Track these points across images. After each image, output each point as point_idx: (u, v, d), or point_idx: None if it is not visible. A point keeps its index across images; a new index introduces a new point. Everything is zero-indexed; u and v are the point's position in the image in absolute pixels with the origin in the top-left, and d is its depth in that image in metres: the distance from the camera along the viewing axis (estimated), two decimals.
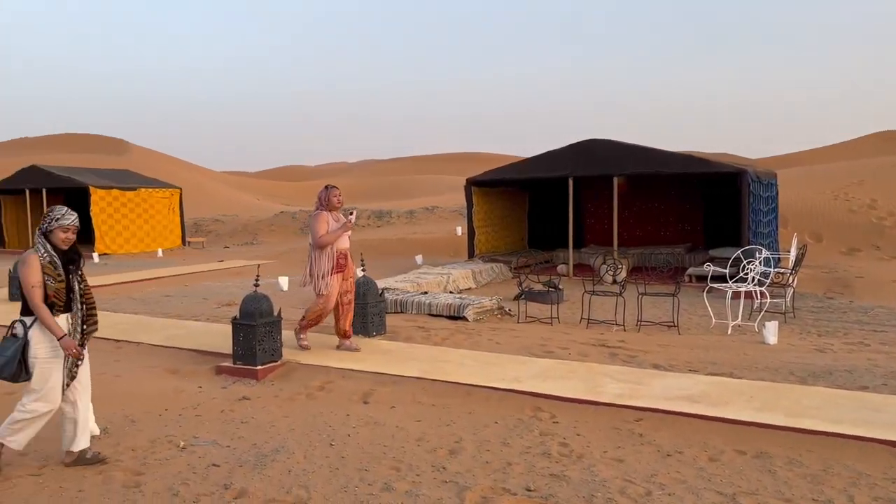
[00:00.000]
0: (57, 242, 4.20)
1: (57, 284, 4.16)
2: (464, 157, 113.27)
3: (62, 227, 4.20)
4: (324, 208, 7.05)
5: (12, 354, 4.11)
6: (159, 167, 57.05)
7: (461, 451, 4.62)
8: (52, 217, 4.22)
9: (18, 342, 4.14)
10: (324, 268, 6.94)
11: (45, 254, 4.16)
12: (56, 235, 4.20)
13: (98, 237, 21.25)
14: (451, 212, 30.21)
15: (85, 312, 4.35)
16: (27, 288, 4.10)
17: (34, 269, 4.11)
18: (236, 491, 3.97)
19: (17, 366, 4.12)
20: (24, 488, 4.00)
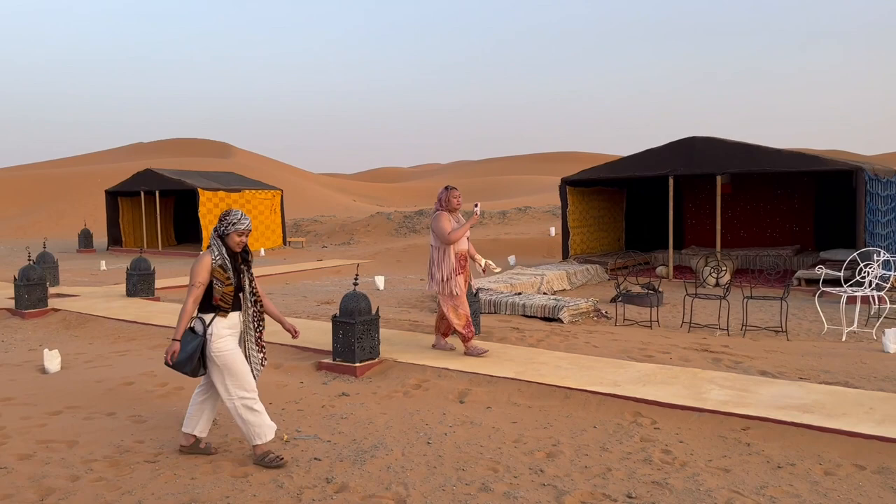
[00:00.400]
0: (232, 245, 4.34)
1: (224, 288, 4.27)
2: (557, 157, 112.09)
3: (238, 232, 4.33)
4: (444, 209, 6.96)
5: (192, 350, 4.25)
6: (261, 169, 59.31)
7: (559, 454, 4.55)
8: (229, 221, 4.34)
9: (199, 339, 4.28)
10: (452, 268, 6.86)
11: (218, 256, 4.29)
12: (231, 239, 4.33)
13: (206, 236, 22.27)
14: (544, 212, 29.93)
15: (257, 310, 4.48)
16: (190, 284, 4.25)
17: (203, 270, 4.24)
18: (338, 485, 4.06)
19: (197, 362, 4.27)
20: (141, 474, 4.22)
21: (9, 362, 7.40)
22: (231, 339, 4.35)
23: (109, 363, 7.31)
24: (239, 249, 4.38)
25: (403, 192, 78.17)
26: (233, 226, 4.32)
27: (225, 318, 4.32)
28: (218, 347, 4.28)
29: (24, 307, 10.25)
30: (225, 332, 4.31)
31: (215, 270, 4.26)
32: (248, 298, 4.43)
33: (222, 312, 4.30)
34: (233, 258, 4.35)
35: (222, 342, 4.29)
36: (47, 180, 57.89)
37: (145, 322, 9.41)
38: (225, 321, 4.32)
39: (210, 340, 4.28)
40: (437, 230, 6.87)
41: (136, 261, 12.05)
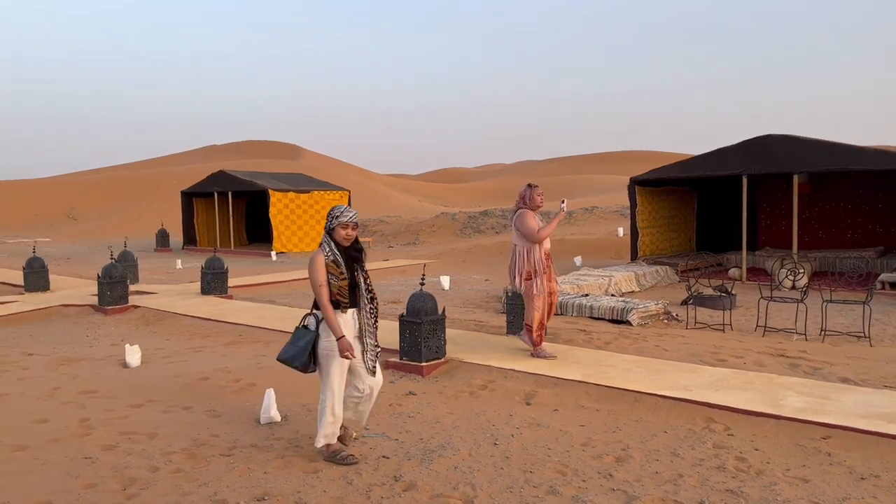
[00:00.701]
0: (339, 240, 4.34)
1: (340, 282, 4.28)
2: (625, 156, 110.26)
3: (342, 224, 4.32)
4: (527, 207, 6.89)
5: (304, 345, 4.31)
6: (329, 170, 60.36)
7: (629, 459, 4.47)
8: (333, 215, 4.36)
9: (311, 334, 4.32)
10: (535, 267, 6.80)
11: (329, 252, 4.30)
12: (337, 233, 4.33)
13: (276, 236, 22.83)
14: (611, 212, 29.48)
15: (373, 307, 4.48)
16: (315, 287, 4.26)
17: (320, 269, 4.25)
18: (405, 483, 4.09)
19: (308, 357, 4.31)
20: (216, 467, 4.36)
21: (93, 356, 7.74)
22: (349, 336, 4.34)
23: (186, 359, 7.57)
24: (347, 243, 4.35)
25: (468, 193, 78.27)
26: (336, 219, 4.32)
27: (343, 314, 4.33)
28: (324, 346, 4.31)
29: (107, 304, 10.72)
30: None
31: (329, 266, 4.27)
32: (364, 295, 4.41)
33: (342, 309, 4.31)
34: (344, 254, 4.34)
35: (330, 341, 4.28)
36: (127, 182, 60.39)
37: (219, 319, 9.70)
38: (340, 318, 4.31)
39: (321, 337, 4.32)
40: (524, 229, 6.77)
41: (210, 260, 12.43)
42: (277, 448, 4.67)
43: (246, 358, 7.46)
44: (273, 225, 22.81)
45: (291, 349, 4.34)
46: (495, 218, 28.54)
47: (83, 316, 10.64)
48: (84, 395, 5.99)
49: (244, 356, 7.57)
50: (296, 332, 4.41)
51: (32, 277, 12.97)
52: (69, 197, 54.98)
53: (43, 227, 45.36)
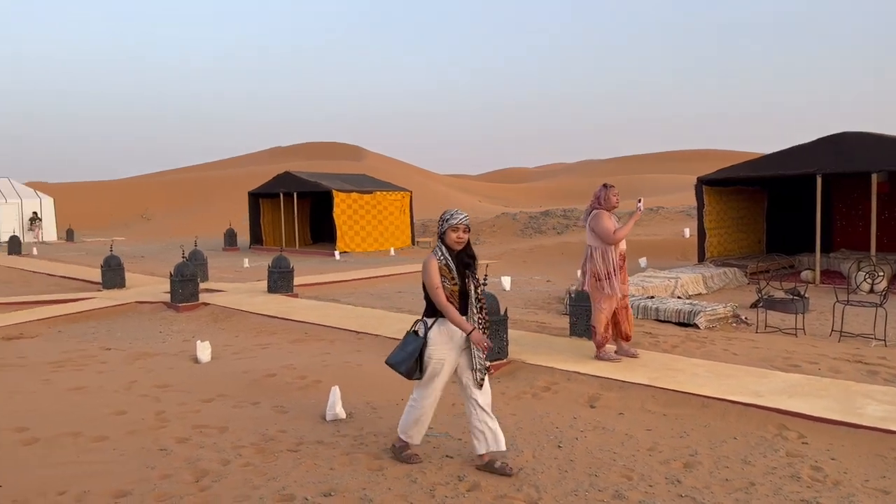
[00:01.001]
0: (450, 244, 4.24)
1: (451, 286, 4.20)
2: (691, 155, 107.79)
3: (452, 227, 4.23)
4: (603, 207, 6.79)
5: (411, 351, 4.25)
6: (391, 171, 60.96)
7: (697, 465, 4.37)
8: (443, 219, 4.28)
9: (419, 341, 4.26)
10: (610, 267, 6.72)
11: (441, 257, 4.23)
12: (448, 237, 4.24)
13: (339, 236, 23.20)
14: (677, 212, 28.85)
15: (482, 317, 4.32)
16: (431, 290, 4.19)
17: (434, 272, 4.19)
18: (469, 484, 4.10)
19: (414, 363, 4.24)
20: (283, 462, 4.45)
21: (166, 352, 8.02)
22: (448, 347, 4.26)
23: (253, 355, 7.77)
24: (458, 247, 4.26)
25: (529, 193, 77.84)
26: (446, 222, 4.25)
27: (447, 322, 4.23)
28: (429, 354, 4.25)
29: (179, 301, 11.08)
30: (444, 339, 4.25)
31: (441, 269, 4.20)
32: (474, 304, 4.29)
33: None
34: (456, 259, 4.26)
35: (436, 349, 4.23)
36: (196, 183, 62.31)
37: (285, 317, 9.91)
38: (448, 327, 4.24)
39: (428, 344, 4.25)
40: (601, 230, 6.68)
41: (277, 259, 12.72)
42: (343, 445, 4.74)
43: (311, 355, 7.60)
44: (337, 225, 23.18)
45: (399, 354, 4.31)
46: (556, 218, 28.32)
47: (157, 312, 11.02)
48: (159, 389, 6.21)
49: (309, 353, 7.72)
50: (405, 336, 4.38)
51: (109, 275, 13.52)
52: (142, 198, 57.10)
53: (118, 227, 47.26)
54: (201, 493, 3.96)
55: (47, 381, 6.53)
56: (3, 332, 9.37)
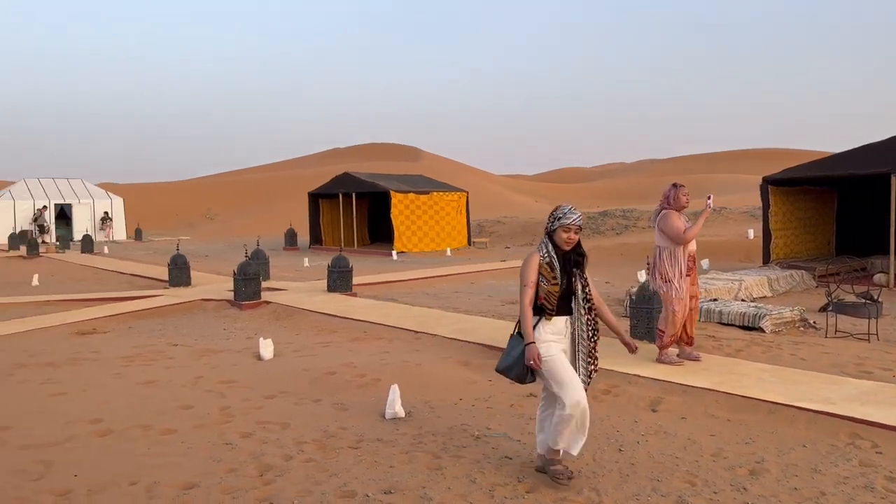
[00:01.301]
0: (559, 243, 4.05)
1: (549, 287, 3.99)
2: (755, 155, 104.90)
3: (563, 227, 4.03)
4: (672, 207, 6.68)
5: (518, 355, 4.03)
6: (447, 172, 61.17)
7: (764, 472, 4.25)
8: (555, 217, 4.09)
9: (524, 343, 4.02)
10: (678, 270, 6.62)
11: (546, 254, 4.04)
12: (558, 236, 4.05)
13: (397, 236, 23.40)
14: (741, 213, 28.11)
15: (591, 318, 4.11)
16: (521, 284, 4.05)
17: (531, 269, 4.02)
18: (528, 485, 4.08)
19: (524, 367, 4.02)
20: (344, 458, 4.52)
21: (230, 349, 8.23)
22: (554, 344, 4.04)
23: (314, 353, 7.90)
24: (568, 248, 4.06)
25: (586, 193, 76.97)
26: (558, 220, 4.05)
27: (549, 321, 4.02)
28: (541, 353, 4.00)
29: (242, 299, 11.36)
30: (548, 337, 4.03)
31: (542, 268, 4.01)
32: (582, 304, 4.07)
33: (547, 315, 4.01)
34: (562, 258, 4.05)
35: (544, 347, 4.00)
36: (257, 184, 63.73)
37: (344, 316, 10.05)
38: (549, 325, 4.03)
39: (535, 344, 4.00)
40: (670, 230, 6.56)
41: (337, 259, 12.91)
42: (402, 443, 4.78)
43: (370, 354, 7.69)
44: (394, 225, 23.38)
45: (506, 359, 4.10)
46: (615, 219, 27.93)
47: (221, 310, 11.32)
48: (223, 385, 6.38)
49: (368, 352, 7.81)
50: (510, 340, 4.17)
51: (176, 273, 13.96)
52: (206, 198, 58.71)
53: (183, 227, 48.73)
54: (265, 488, 4.05)
55: (119, 375, 6.79)
56: (78, 327, 9.77)
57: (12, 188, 34.64)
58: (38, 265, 19.89)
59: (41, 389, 6.26)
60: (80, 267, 19.72)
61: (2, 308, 11.79)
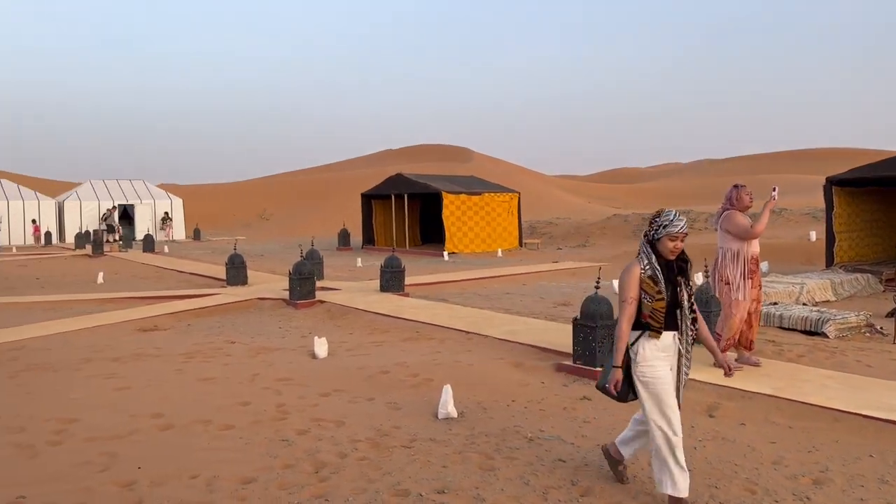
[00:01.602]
0: (664, 252, 3.71)
1: (654, 304, 3.63)
2: (817, 154, 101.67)
3: (670, 235, 3.68)
4: (735, 208, 6.61)
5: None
6: (498, 172, 61.01)
7: (828, 482, 4.12)
8: (659, 223, 3.73)
9: (626, 359, 3.77)
10: (740, 271, 6.52)
11: (648, 266, 3.70)
12: (664, 245, 3.70)
13: (448, 237, 23.44)
14: (802, 214, 27.29)
15: (694, 329, 3.79)
16: (620, 299, 3.73)
17: (632, 282, 3.69)
18: (583, 488, 4.04)
19: (626, 385, 3.78)
20: (398, 457, 4.55)
21: (286, 347, 8.37)
22: (662, 364, 3.71)
23: (367, 352, 7.98)
24: (673, 257, 3.72)
25: (641, 194, 75.81)
26: (664, 228, 3.69)
27: (657, 338, 3.68)
28: (643, 372, 3.71)
29: (297, 298, 11.55)
30: (656, 355, 3.70)
31: (644, 282, 3.66)
32: (687, 317, 3.75)
33: (653, 332, 3.67)
34: (666, 268, 3.72)
35: (649, 367, 3.69)
36: (311, 185, 64.68)
37: (397, 316, 10.12)
38: (656, 342, 3.69)
39: (635, 362, 3.73)
40: (735, 227, 6.46)
41: (389, 259, 13.01)
42: (455, 444, 4.79)
43: (422, 354, 7.73)
44: (446, 226, 23.42)
45: (603, 376, 3.85)
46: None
47: (276, 309, 11.53)
48: (279, 382, 6.50)
49: (421, 352, 7.85)
50: (610, 355, 3.93)
51: (233, 272, 14.28)
52: (261, 199, 59.86)
53: (239, 227, 49.78)
54: (320, 484, 4.11)
55: (179, 371, 6.98)
56: (140, 324, 10.08)
57: (79, 189, 35.97)
58: (103, 264, 20.60)
59: (106, 384, 6.49)
60: (142, 266, 20.35)
61: (70, 305, 12.25)
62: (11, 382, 6.58)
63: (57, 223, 33.51)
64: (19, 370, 7.07)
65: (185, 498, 3.91)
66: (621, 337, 3.70)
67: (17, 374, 6.89)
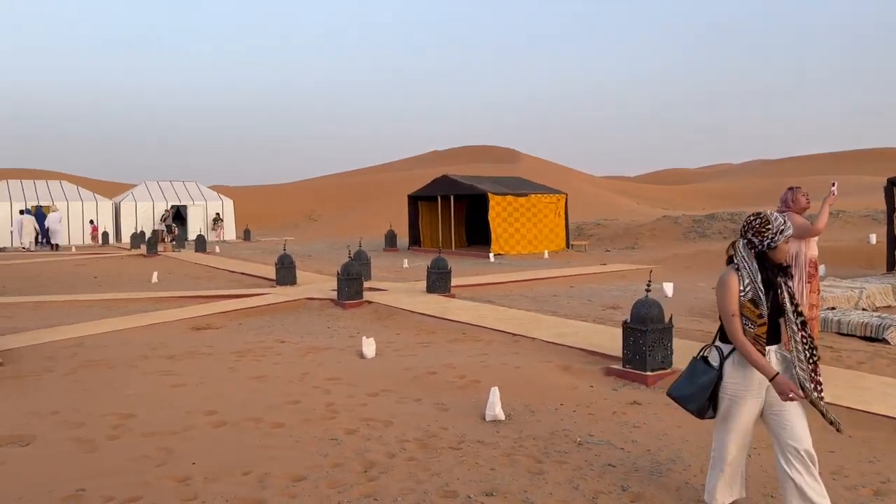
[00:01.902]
0: (779, 258, 3.38)
1: (756, 329, 3.32)
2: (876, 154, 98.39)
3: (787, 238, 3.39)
4: (791, 210, 6.47)
5: (704, 385, 3.49)
6: (546, 173, 60.63)
7: (890, 493, 3.99)
8: (775, 229, 3.35)
9: (712, 373, 3.48)
10: (798, 275, 6.37)
11: (749, 285, 3.36)
12: (781, 251, 3.38)
13: (494, 238, 23.39)
14: (861, 216, 26.44)
15: (806, 334, 3.42)
16: (725, 316, 3.39)
17: (732, 297, 3.35)
18: (633, 494, 3.98)
19: (707, 400, 3.49)
20: (446, 458, 4.55)
21: (334, 346, 8.46)
22: (743, 382, 3.41)
23: (414, 353, 8.01)
24: (784, 261, 3.43)
25: (691, 195, 74.47)
26: (781, 233, 3.35)
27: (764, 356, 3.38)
28: (729, 388, 3.43)
29: (345, 298, 11.67)
30: (744, 373, 3.40)
31: (744, 306, 3.33)
32: (793, 320, 3.40)
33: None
34: (767, 285, 3.38)
35: (733, 384, 3.42)
36: (359, 186, 65.29)
37: (443, 317, 10.14)
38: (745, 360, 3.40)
39: (725, 376, 3.45)
40: (797, 226, 6.30)
41: (436, 260, 13.04)
42: (503, 446, 4.77)
43: (469, 355, 7.72)
44: (492, 228, 23.38)
45: (687, 386, 3.57)
46: (723, 222, 26.86)
47: (324, 309, 11.67)
48: (328, 382, 6.57)
49: (467, 353, 7.84)
50: (692, 364, 3.61)
51: (283, 272, 14.50)
52: (309, 200, 60.70)
53: (288, 228, 50.54)
54: (369, 484, 4.14)
55: (232, 370, 7.11)
56: (194, 322, 10.31)
57: (134, 190, 36.99)
58: (157, 263, 21.14)
59: (162, 380, 6.65)
60: (195, 265, 20.82)
61: (126, 303, 12.60)
62: (71, 378, 6.80)
63: (114, 223, 34.52)
64: (78, 366, 7.30)
65: (239, 494, 3.99)
66: (751, 352, 3.31)
67: (76, 371, 7.11)
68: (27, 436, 5.00)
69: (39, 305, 12.35)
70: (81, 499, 3.94)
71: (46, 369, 7.16)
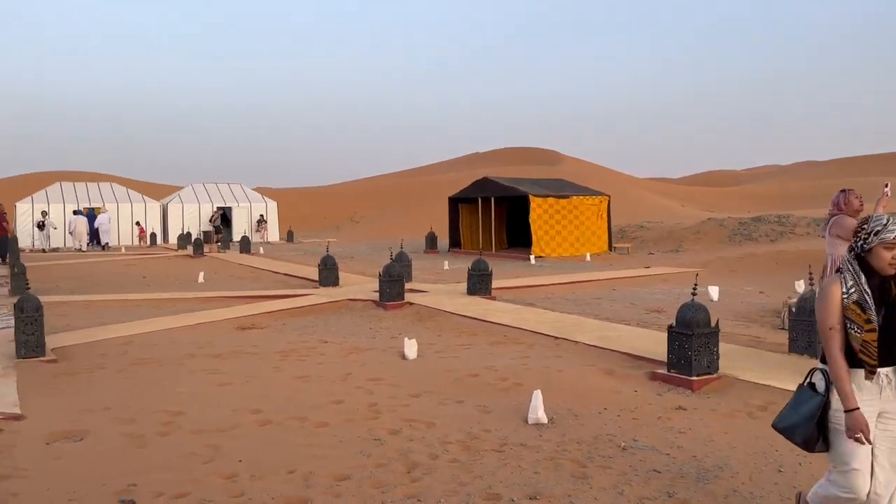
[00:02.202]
0: (880, 266, 2.98)
1: (864, 335, 2.94)
2: None
3: (885, 244, 2.97)
4: (844, 213, 6.48)
5: (809, 414, 3.10)
6: (588, 175, 60.19)
7: None
8: (869, 230, 3.01)
9: (818, 399, 3.09)
10: None
11: (853, 287, 2.99)
12: (878, 256, 2.98)
13: (535, 241, 23.28)
14: None
15: None
16: (823, 330, 3.04)
17: (832, 307, 3.00)
18: (679, 501, 3.93)
19: (814, 430, 3.08)
20: (488, 461, 4.55)
21: (377, 347, 8.53)
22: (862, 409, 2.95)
23: (456, 355, 8.02)
24: (893, 271, 2.98)
25: (736, 197, 73.13)
26: (875, 235, 2.98)
27: (870, 378, 3.00)
28: (835, 416, 3.03)
29: (387, 300, 11.74)
30: (858, 398, 2.97)
31: (849, 309, 2.97)
32: None
33: (867, 370, 2.98)
34: (879, 289, 3.00)
35: (840, 411, 2.99)
36: (400, 188, 65.71)
37: (484, 319, 10.13)
38: (865, 384, 3.01)
39: (832, 403, 3.05)
40: (849, 230, 6.22)
41: (476, 262, 13.04)
42: (546, 449, 4.75)
43: (511, 358, 7.70)
44: (533, 230, 23.28)
45: (791, 415, 3.19)
46: (770, 224, 26.31)
47: (367, 310, 11.76)
48: (371, 382, 6.62)
49: (509, 356, 7.83)
50: (798, 391, 3.23)
51: (326, 274, 14.66)
52: (351, 202, 61.30)
53: (330, 229, 51.11)
54: (413, 485, 4.16)
55: (277, 369, 7.22)
56: (239, 322, 10.49)
57: (181, 193, 37.80)
58: (203, 264, 21.57)
59: (209, 379, 6.79)
60: (239, 266, 21.18)
61: (173, 303, 12.88)
62: (122, 375, 6.99)
63: (161, 225, 35.33)
64: (129, 364, 7.49)
65: (284, 492, 4.04)
66: (842, 376, 2.95)
67: (127, 368, 7.30)
68: (81, 431, 5.16)
69: (91, 304, 12.70)
70: (132, 493, 4.04)
71: (98, 366, 7.37)
